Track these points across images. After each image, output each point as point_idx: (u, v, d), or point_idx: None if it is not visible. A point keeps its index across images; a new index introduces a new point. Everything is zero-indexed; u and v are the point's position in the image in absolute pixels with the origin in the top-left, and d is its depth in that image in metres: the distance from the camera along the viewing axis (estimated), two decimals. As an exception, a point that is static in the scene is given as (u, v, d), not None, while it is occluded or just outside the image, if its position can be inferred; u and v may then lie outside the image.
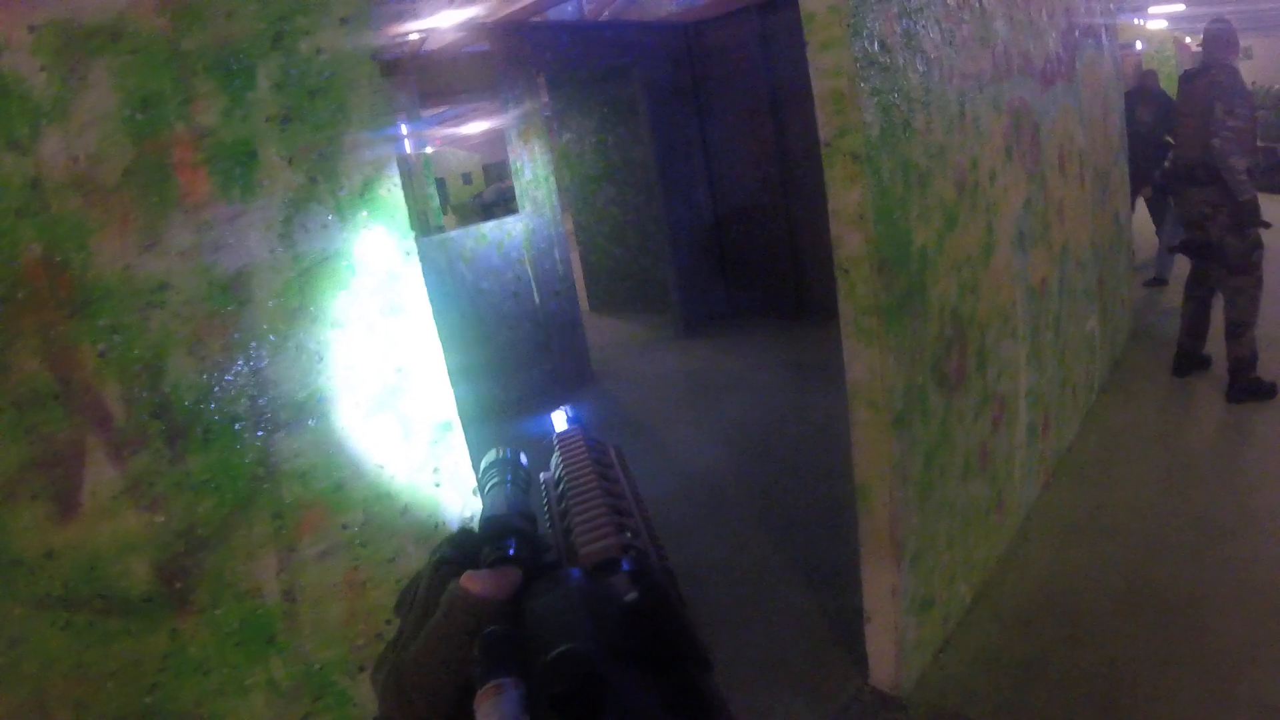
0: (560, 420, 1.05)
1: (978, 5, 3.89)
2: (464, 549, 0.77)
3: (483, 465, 0.99)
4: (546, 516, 0.88)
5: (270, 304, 1.84)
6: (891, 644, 3.35)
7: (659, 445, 6.57)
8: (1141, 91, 8.22)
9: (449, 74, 7.92)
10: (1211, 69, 5.49)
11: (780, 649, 3.81)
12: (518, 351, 7.70)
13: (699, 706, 0.60)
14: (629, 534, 0.77)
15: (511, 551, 0.74)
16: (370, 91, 1.93)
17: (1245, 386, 5.60)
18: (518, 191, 7.73)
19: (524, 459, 0.98)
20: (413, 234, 1.99)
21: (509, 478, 0.95)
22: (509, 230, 7.63)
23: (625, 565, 0.71)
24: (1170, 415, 5.57)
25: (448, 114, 19.63)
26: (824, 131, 2.97)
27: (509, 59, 7.49)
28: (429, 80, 7.90)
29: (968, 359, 3.73)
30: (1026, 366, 4.45)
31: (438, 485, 2.09)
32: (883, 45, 3.00)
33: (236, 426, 1.83)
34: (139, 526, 1.76)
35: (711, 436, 6.54)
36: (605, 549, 0.72)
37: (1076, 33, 5.56)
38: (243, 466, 1.84)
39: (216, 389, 1.80)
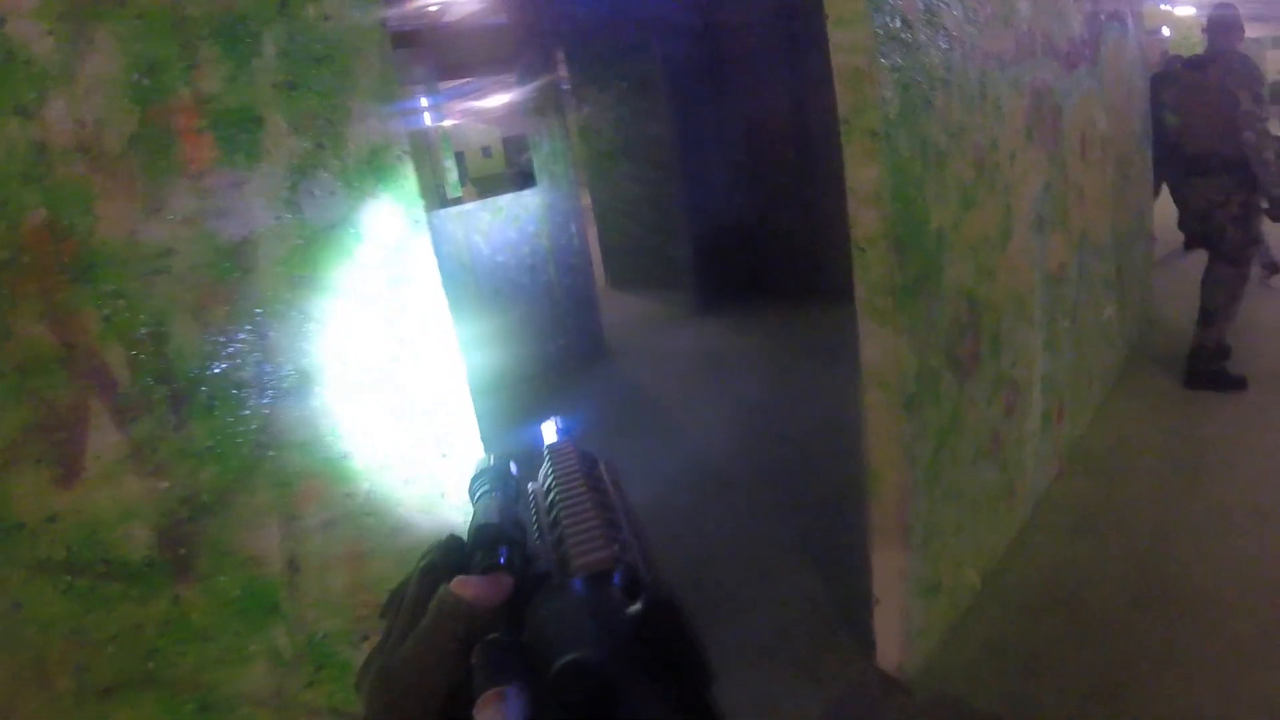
0: (550, 431, 0.98)
1: None
2: (453, 555, 0.73)
3: (473, 473, 0.93)
4: (535, 527, 0.82)
5: (275, 271, 1.83)
6: (898, 627, 3.33)
7: (670, 424, 6.54)
8: (1166, 77, 8.08)
9: (467, 47, 7.87)
10: (1223, 56, 5.35)
11: (786, 631, 3.79)
12: (532, 325, 7.69)
13: (699, 715, 0.58)
14: (619, 546, 0.72)
15: (503, 559, 0.71)
16: (379, 59, 1.91)
17: (1207, 375, 5.57)
18: (535, 165, 7.70)
19: (514, 468, 0.93)
20: (422, 203, 1.97)
21: (499, 487, 0.88)
22: (525, 204, 7.61)
23: (616, 578, 0.67)
24: (1185, 408, 5.47)
25: (468, 87, 19.57)
26: (842, 108, 2.92)
27: (526, 31, 7.44)
28: (447, 53, 7.86)
29: (982, 343, 3.69)
30: (1042, 353, 4.40)
31: (444, 456, 2.08)
32: (904, 21, 2.96)
33: (240, 394, 1.82)
34: (141, 492, 1.76)
35: (723, 416, 6.50)
36: (598, 561, 0.68)
37: (1101, 16, 5.46)
38: (246, 434, 1.84)
39: (220, 356, 1.79)
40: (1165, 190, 7.80)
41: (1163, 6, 16.14)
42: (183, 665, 1.86)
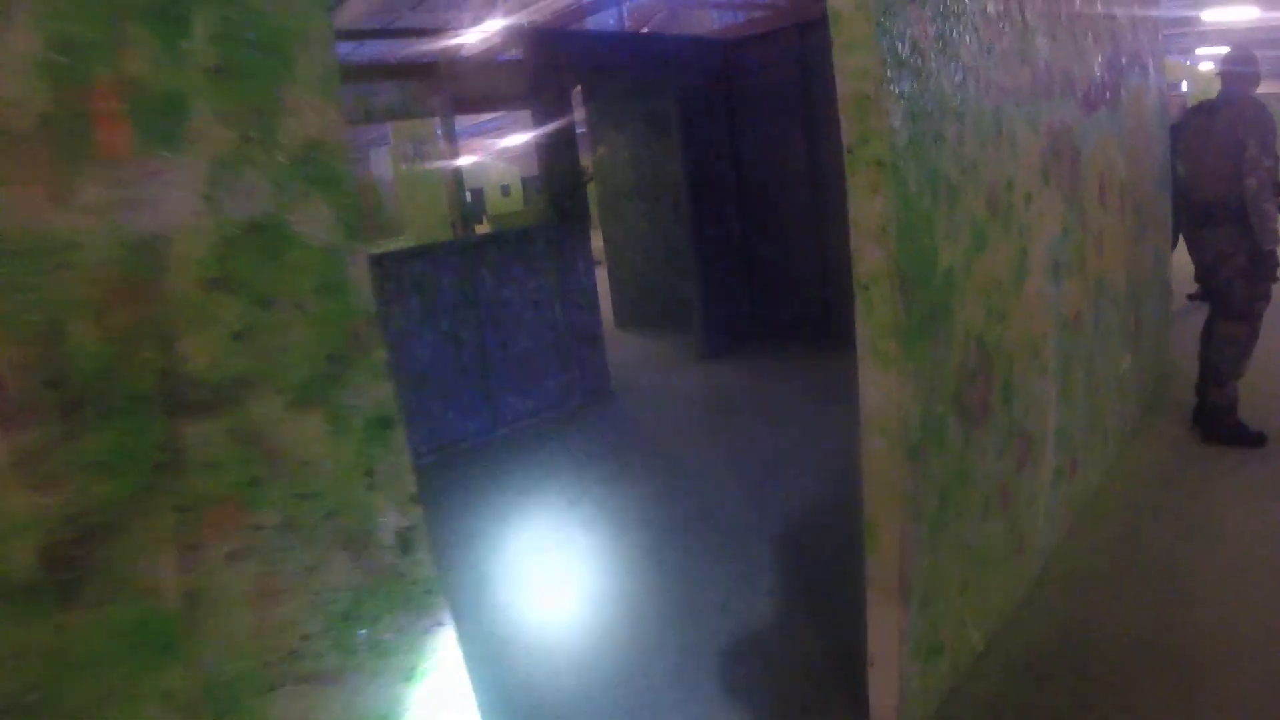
0: None
1: (1019, 18, 3.68)
2: None
3: None
4: None
5: (189, 272, 1.64)
6: (894, 691, 3.12)
7: (671, 468, 6.33)
8: (1181, 126, 7.90)
9: (484, 81, 7.78)
10: (1235, 101, 5.18)
11: (780, 688, 3.60)
12: (535, 362, 7.55)
13: None
14: None
15: None
16: (321, 49, 1.74)
17: (1224, 432, 5.39)
18: (545, 201, 7.60)
19: None
20: (358, 208, 1.79)
21: None
22: (534, 239, 7.50)
23: None
24: (1201, 463, 5.26)
25: (488, 124, 19.64)
26: (847, 137, 2.77)
27: (543, 66, 7.35)
28: (463, 87, 7.76)
29: (993, 391, 3.50)
30: (1056, 404, 4.20)
31: (370, 489, 1.88)
32: (915, 48, 2.81)
33: (141, 405, 1.63)
34: (24, 507, 1.55)
35: (726, 462, 6.29)
36: None
37: (1122, 60, 5.30)
38: (145, 450, 1.64)
39: (121, 362, 1.60)
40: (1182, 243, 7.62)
41: (1185, 63, 16.04)
42: (68, 701, 1.65)
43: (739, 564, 4.73)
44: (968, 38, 3.15)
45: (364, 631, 1.92)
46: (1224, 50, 5.83)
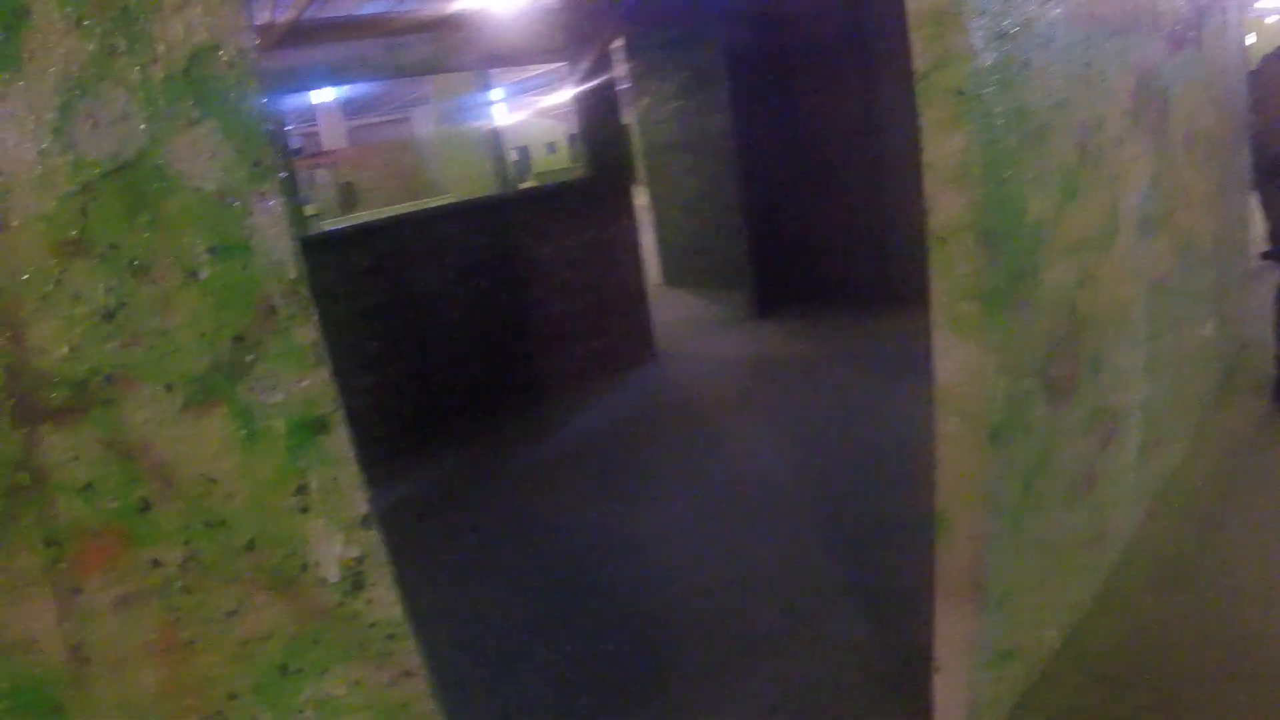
0: None
1: None
2: None
3: None
4: None
5: (35, 231, 1.19)
6: (962, 702, 2.74)
7: (717, 436, 5.89)
8: (1260, 75, 7.23)
9: (521, 33, 7.30)
10: None
11: (830, 686, 3.23)
12: (571, 323, 7.13)
13: None
14: None
15: None
16: (213, -75, 1.26)
17: None
18: (586, 155, 7.15)
19: None
20: (266, 136, 1.31)
21: None
22: (573, 194, 7.06)
23: None
24: (1287, 440, 4.75)
25: (534, 82, 19.13)
26: (920, 61, 2.28)
27: (583, 17, 6.88)
28: (499, 40, 7.28)
29: (1081, 363, 3.03)
30: (1143, 376, 3.70)
31: (304, 510, 1.42)
32: None
33: (-17, 412, 1.19)
34: None
35: (775, 431, 5.82)
36: None
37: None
38: (-6, 470, 1.21)
39: (-49, 356, 1.17)
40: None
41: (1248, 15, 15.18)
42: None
43: (786, 541, 4.32)
44: None
45: (308, 687, 1.47)
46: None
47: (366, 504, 1.47)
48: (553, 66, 11.20)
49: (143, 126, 1.23)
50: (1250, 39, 14.67)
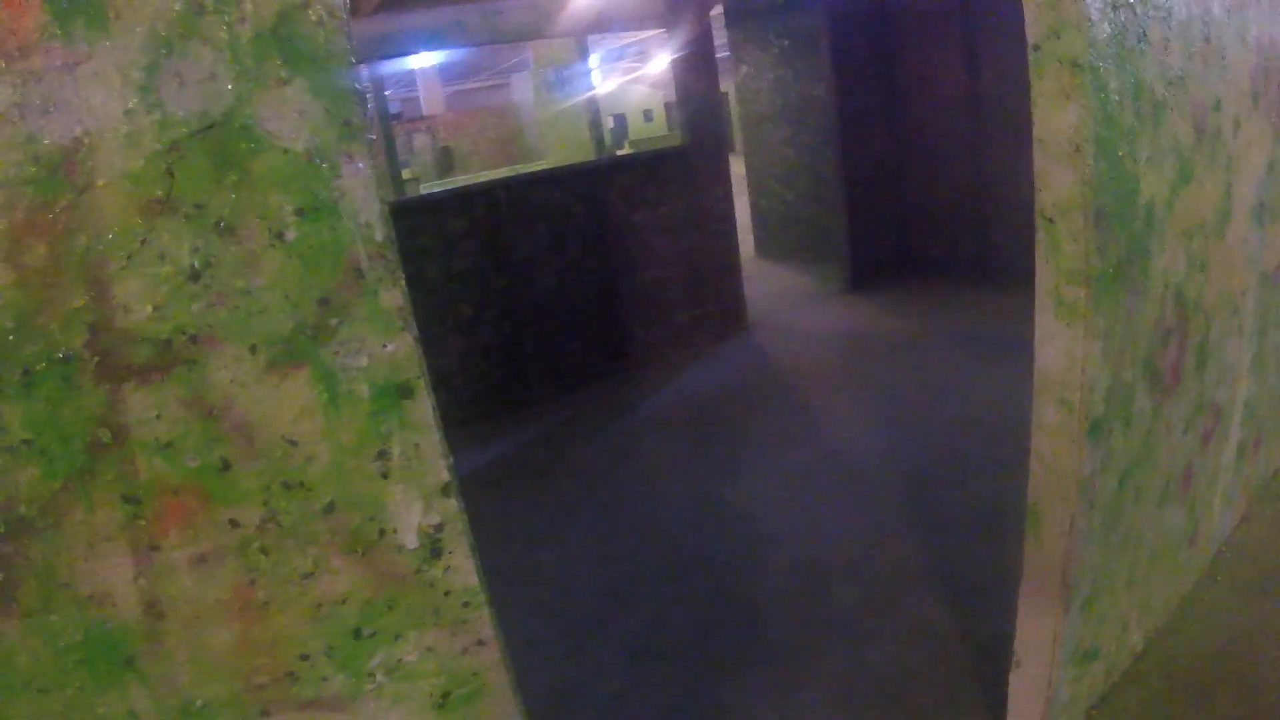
0: None
1: None
2: None
3: None
4: None
5: (122, 191, 1.17)
6: (1040, 700, 2.66)
7: (805, 411, 5.80)
8: None
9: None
10: None
11: (905, 674, 3.17)
12: (665, 292, 7.06)
13: None
14: None
15: None
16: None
17: None
18: (682, 123, 7.00)
19: None
20: (355, 96, 1.27)
21: None
22: (668, 162, 6.94)
23: None
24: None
25: (631, 49, 18.94)
26: (1033, 30, 2.17)
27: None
28: (596, 6, 7.19)
29: (1187, 355, 2.88)
30: (1248, 372, 3.53)
31: (384, 476, 1.40)
32: None
33: (70, 369, 1.18)
34: (-66, 494, 1.16)
35: (864, 408, 5.70)
36: None
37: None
38: (78, 425, 1.20)
39: (41, 314, 1.16)
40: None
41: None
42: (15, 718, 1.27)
43: (871, 519, 4.25)
44: None
45: (380, 651, 1.45)
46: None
47: (448, 472, 1.44)
48: (651, 33, 11.05)
49: (230, 86, 1.19)
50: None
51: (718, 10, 8.30)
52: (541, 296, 6.47)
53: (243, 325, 1.26)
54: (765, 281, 9.17)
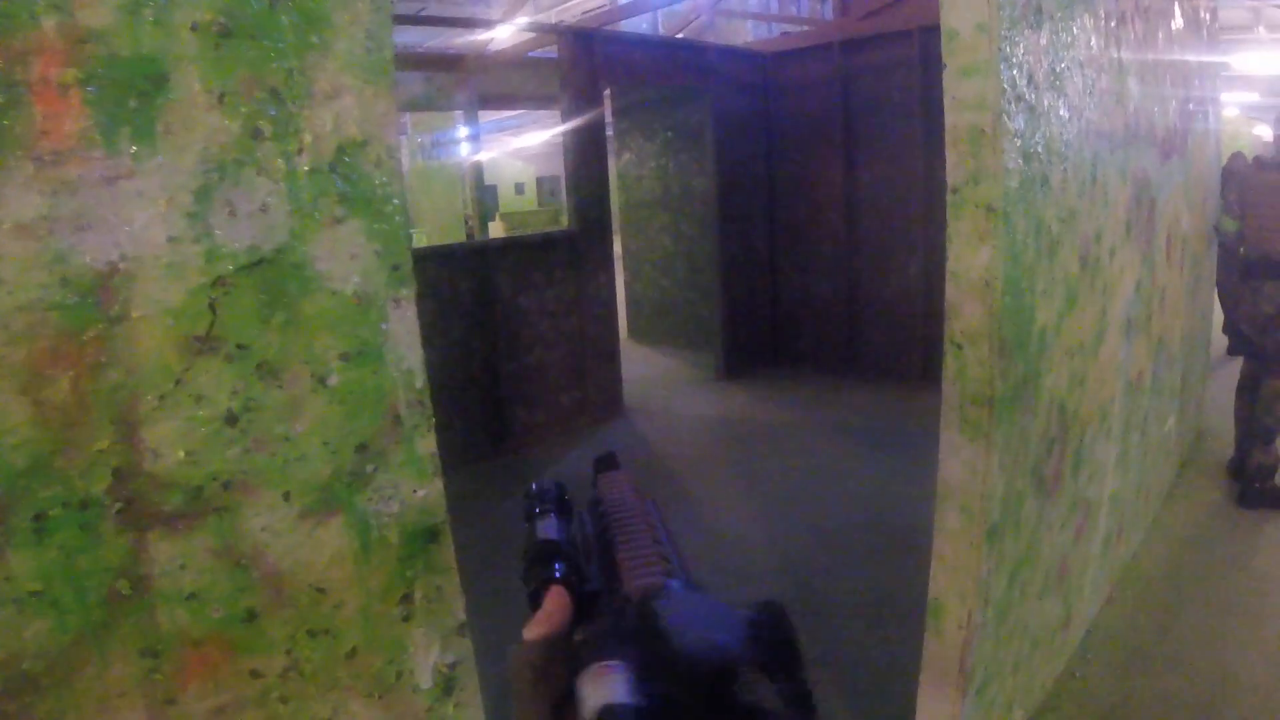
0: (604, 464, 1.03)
1: (1116, 57, 3.22)
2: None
3: (527, 492, 0.94)
4: (584, 550, 0.88)
5: (160, 325, 1.06)
6: None
7: (687, 499, 5.72)
8: (1229, 174, 7.35)
9: (514, 78, 7.19)
10: None
11: None
12: (548, 375, 6.91)
13: (808, 708, 0.60)
14: (671, 568, 0.77)
15: (559, 574, 0.78)
16: (371, 10, 1.16)
17: (1266, 494, 4.91)
18: (568, 207, 6.98)
19: (566, 492, 0.94)
20: (408, 241, 1.20)
21: (554, 507, 0.92)
22: (556, 245, 6.88)
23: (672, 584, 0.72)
24: (1241, 529, 4.75)
25: (509, 122, 19.02)
26: (954, 175, 2.33)
27: (576, 67, 6.73)
28: (491, 82, 7.17)
29: (1066, 461, 3.07)
30: (1114, 470, 3.72)
31: (407, 619, 1.30)
32: (1031, 80, 2.38)
33: (91, 515, 1.05)
34: (-72, 651, 1.01)
35: (745, 496, 5.67)
36: (651, 585, 0.71)
37: (1190, 104, 4.78)
38: (96, 576, 1.07)
39: (60, 455, 1.03)
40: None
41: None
42: None
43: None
44: (1075, 76, 2.74)
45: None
46: (1251, 97, 5.49)
47: (463, 611, 1.35)
48: (531, 111, 11.08)
49: (283, 220, 1.11)
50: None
51: (607, 94, 8.40)
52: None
53: (280, 472, 1.15)
54: (639, 365, 9.12)
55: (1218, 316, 6.92)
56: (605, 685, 0.55)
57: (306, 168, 1.12)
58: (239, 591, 1.15)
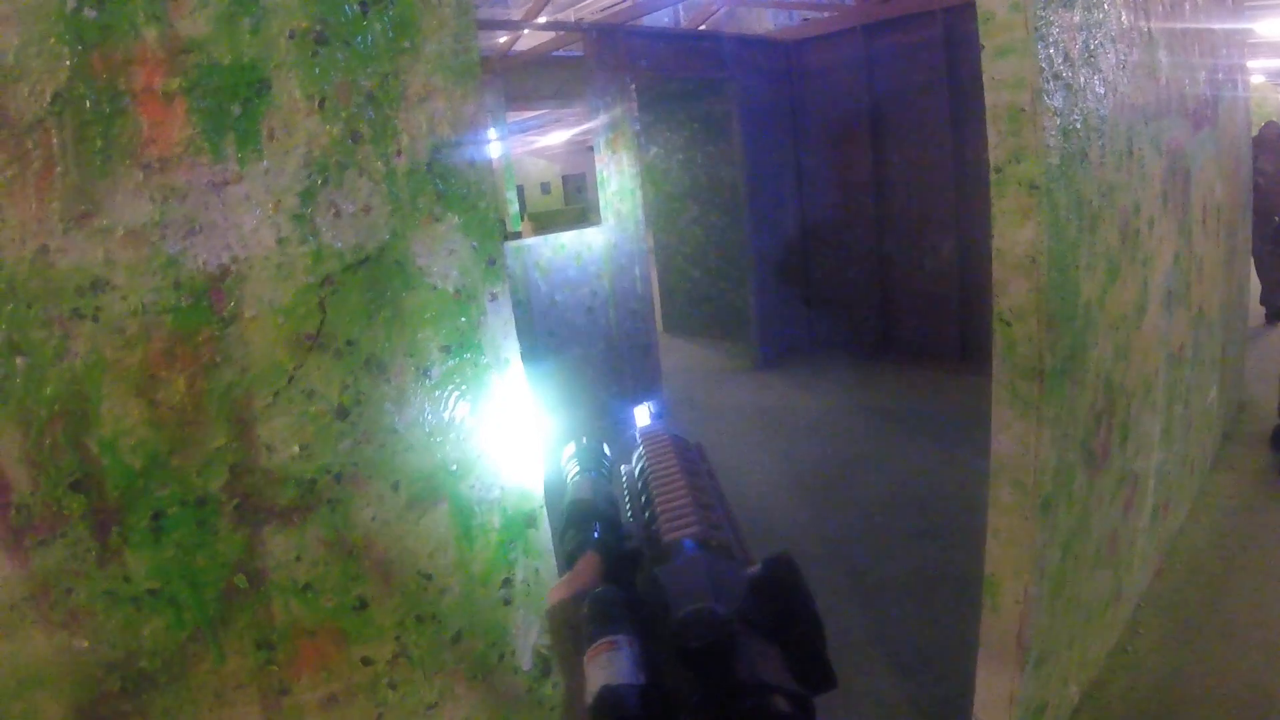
0: (643, 415, 1.02)
1: (1145, 30, 3.21)
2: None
3: (566, 454, 0.94)
4: (628, 505, 0.88)
5: (270, 324, 1.09)
6: None
7: (732, 487, 5.53)
8: (1261, 142, 7.23)
9: (538, 77, 7.18)
10: None
11: None
12: (587, 370, 6.88)
13: (817, 673, 0.61)
14: (709, 524, 0.75)
15: (596, 534, 0.79)
16: (457, 14, 1.17)
17: None
18: (601, 203, 6.96)
19: (606, 449, 0.94)
20: (502, 236, 1.22)
21: (593, 466, 0.92)
22: (589, 242, 6.84)
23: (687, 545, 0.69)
24: (1285, 497, 4.73)
25: (531, 123, 19.00)
26: (996, 154, 2.36)
27: (602, 64, 6.71)
28: (517, 83, 7.15)
29: (1114, 433, 3.06)
30: (1159, 441, 3.70)
31: (507, 603, 1.32)
32: (1066, 58, 2.39)
33: (206, 512, 1.08)
34: (50, 652, 1.02)
35: (786, 482, 5.66)
36: (688, 535, 0.70)
37: (1219, 74, 4.72)
38: (213, 571, 1.09)
39: (176, 453, 1.05)
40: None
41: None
42: None
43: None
44: (1108, 51, 2.74)
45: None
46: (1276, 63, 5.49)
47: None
48: (555, 110, 11.05)
49: (385, 220, 1.13)
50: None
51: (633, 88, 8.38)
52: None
53: (388, 463, 1.17)
54: (674, 357, 9.11)
55: (1254, 286, 6.83)
56: (605, 665, 0.56)
57: (405, 168, 1.14)
58: (350, 581, 1.17)
